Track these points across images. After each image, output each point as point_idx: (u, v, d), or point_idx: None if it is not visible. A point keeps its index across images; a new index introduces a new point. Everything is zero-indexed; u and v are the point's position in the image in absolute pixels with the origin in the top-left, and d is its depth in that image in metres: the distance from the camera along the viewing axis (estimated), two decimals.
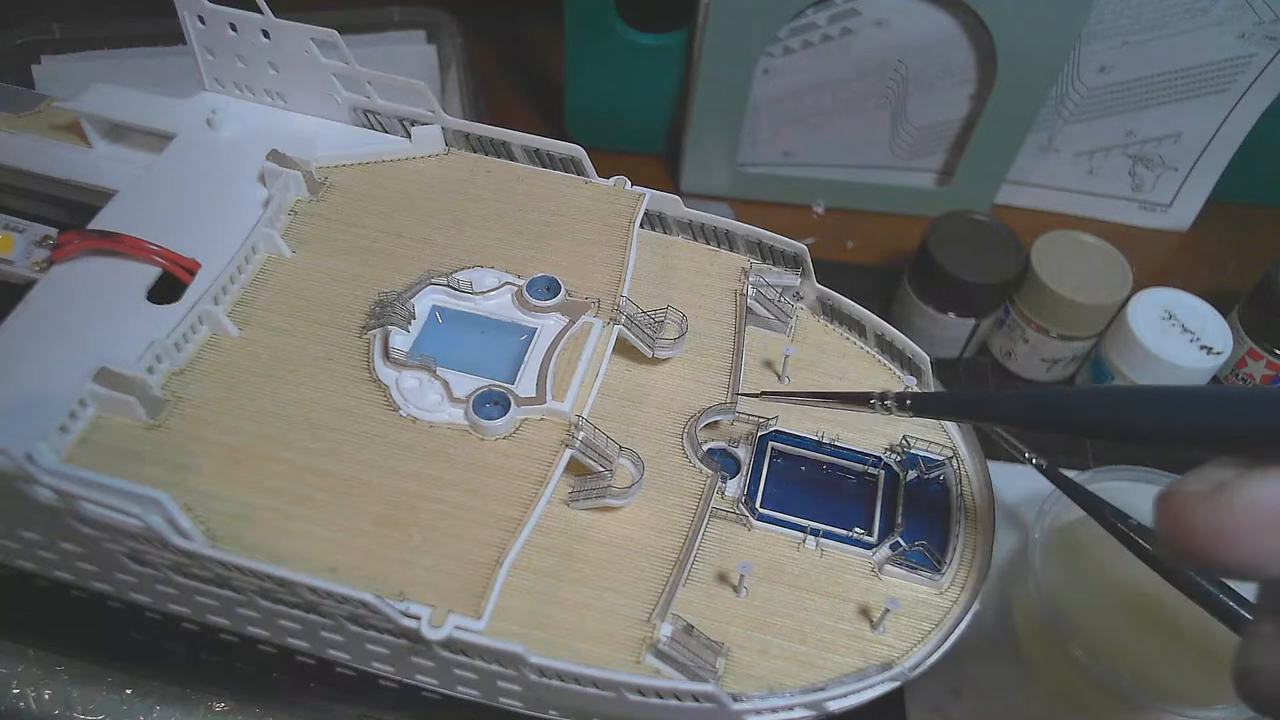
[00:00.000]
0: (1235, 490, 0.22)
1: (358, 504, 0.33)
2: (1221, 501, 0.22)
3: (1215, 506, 0.22)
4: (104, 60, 0.66)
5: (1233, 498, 0.22)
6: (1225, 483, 0.22)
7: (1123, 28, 0.60)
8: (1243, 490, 0.22)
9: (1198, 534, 0.22)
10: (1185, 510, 0.22)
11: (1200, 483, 0.22)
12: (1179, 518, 0.22)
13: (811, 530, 0.37)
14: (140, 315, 0.36)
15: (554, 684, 0.32)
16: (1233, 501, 0.22)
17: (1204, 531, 0.22)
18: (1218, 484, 0.22)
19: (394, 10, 0.68)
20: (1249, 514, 0.21)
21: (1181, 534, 0.22)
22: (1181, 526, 0.22)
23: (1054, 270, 0.56)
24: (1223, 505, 0.22)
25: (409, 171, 0.43)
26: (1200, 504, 0.22)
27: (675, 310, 0.40)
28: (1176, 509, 0.22)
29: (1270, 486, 0.22)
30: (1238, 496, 0.22)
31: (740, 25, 0.60)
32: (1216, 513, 0.22)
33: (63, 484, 0.30)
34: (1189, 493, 0.22)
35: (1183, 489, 0.23)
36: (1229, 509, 0.22)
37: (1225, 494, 0.22)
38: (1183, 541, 0.22)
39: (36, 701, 0.43)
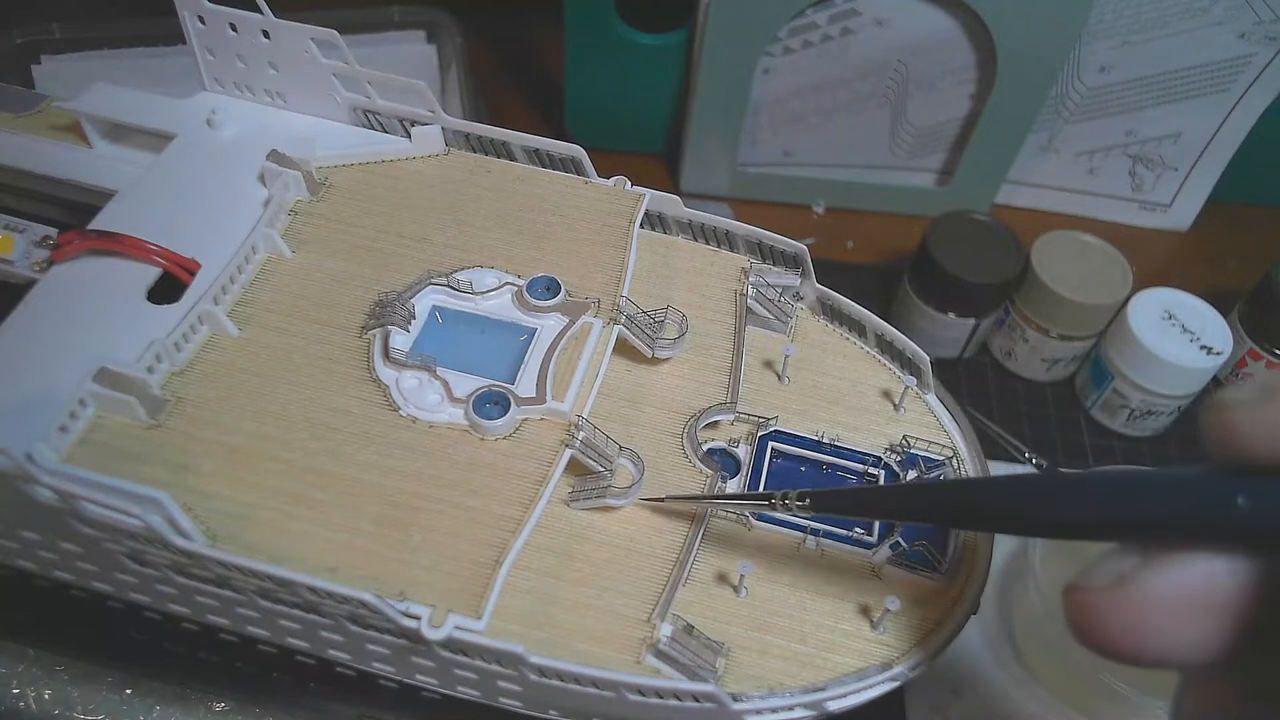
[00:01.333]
0: (1135, 583, 0.21)
1: (358, 504, 0.33)
2: (1122, 596, 0.21)
3: (1116, 601, 0.21)
4: (104, 60, 0.66)
5: (1133, 592, 0.21)
6: (1124, 575, 0.21)
7: (1123, 28, 0.60)
8: (1142, 582, 0.21)
9: (1103, 630, 0.22)
10: (1088, 606, 0.22)
11: (1101, 576, 0.22)
12: (1083, 614, 0.22)
13: (811, 530, 0.37)
14: (140, 315, 0.36)
15: (554, 684, 0.32)
16: (1132, 596, 0.21)
17: (1111, 627, 0.22)
18: (1118, 576, 0.22)
19: (394, 10, 0.68)
20: (1150, 607, 0.21)
21: (1087, 630, 0.22)
22: (1086, 623, 0.22)
23: (1054, 270, 0.56)
24: (1126, 599, 0.21)
25: (409, 171, 0.43)
26: (1102, 599, 0.22)
27: (675, 310, 0.40)
28: (1080, 604, 0.22)
29: (1169, 576, 0.21)
30: (1139, 589, 0.21)
31: (740, 25, 0.60)
32: (1121, 607, 0.21)
33: (63, 484, 0.30)
34: (1092, 588, 0.22)
35: (1084, 583, 0.22)
36: (1132, 602, 0.21)
37: (1125, 588, 0.21)
38: (1090, 637, 0.22)
39: (36, 701, 0.43)
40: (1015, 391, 0.62)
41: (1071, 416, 0.61)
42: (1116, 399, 0.57)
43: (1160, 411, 0.57)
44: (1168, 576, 0.21)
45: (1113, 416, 0.59)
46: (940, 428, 0.40)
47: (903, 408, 0.40)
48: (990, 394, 0.61)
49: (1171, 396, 0.56)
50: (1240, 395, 0.21)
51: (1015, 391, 0.62)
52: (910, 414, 0.40)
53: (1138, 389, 0.56)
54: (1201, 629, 0.21)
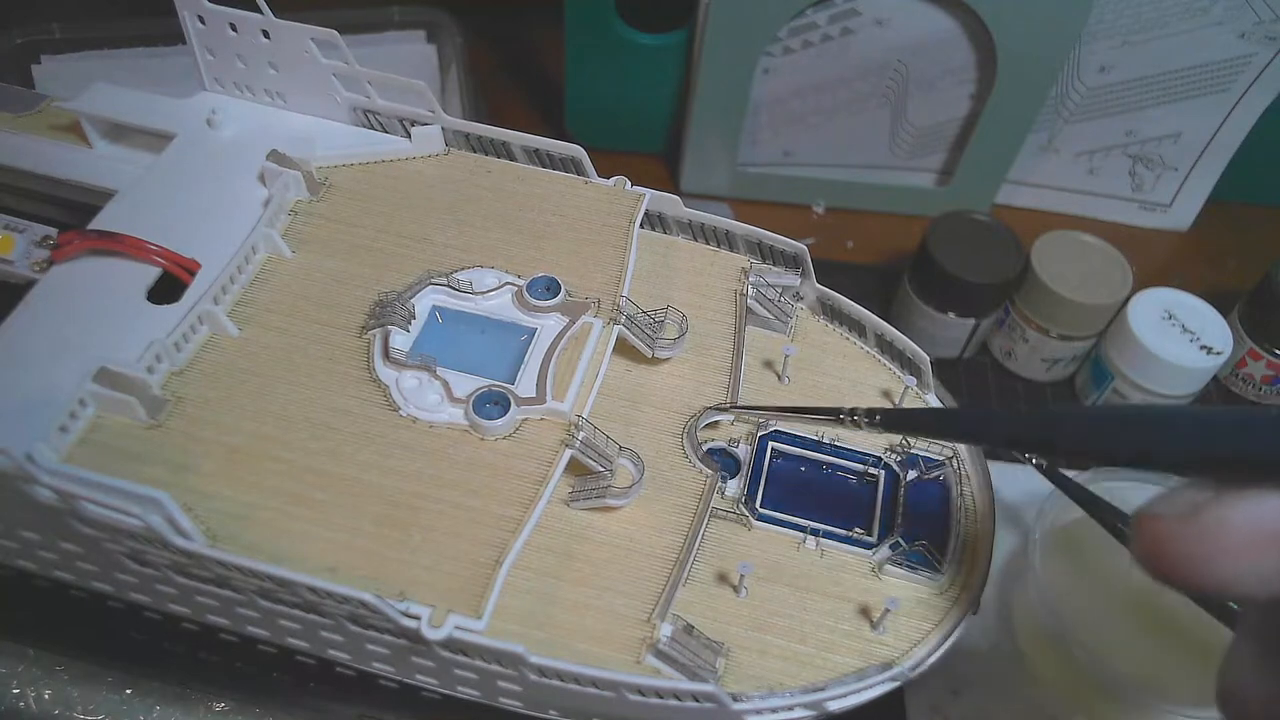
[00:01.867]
0: (1209, 513, 0.22)
1: (358, 504, 0.33)
2: (1196, 524, 0.22)
3: (1190, 530, 0.22)
4: (104, 60, 0.66)
5: (1207, 520, 0.22)
6: (1199, 505, 0.22)
7: (1123, 28, 0.60)
8: (1217, 513, 0.22)
9: (1173, 557, 0.22)
10: (1161, 533, 0.22)
11: (1175, 506, 0.23)
12: (1155, 541, 0.23)
13: (811, 530, 0.37)
14: (140, 315, 0.36)
15: (554, 684, 0.32)
16: (1207, 524, 0.22)
17: (1179, 554, 0.22)
18: (1192, 506, 0.22)
19: (394, 10, 0.68)
20: (1223, 536, 0.22)
21: (1157, 556, 0.23)
22: (1157, 549, 0.23)
23: (1054, 270, 0.56)
24: (1197, 528, 0.22)
25: (409, 171, 0.43)
26: (1175, 527, 0.22)
27: (675, 310, 0.40)
28: (1152, 532, 0.23)
29: (1243, 509, 0.22)
30: (1212, 519, 0.22)
31: (740, 25, 0.60)
32: (1191, 536, 0.22)
33: (63, 484, 0.30)
34: (1164, 515, 0.23)
35: (1158, 511, 0.23)
36: (1203, 532, 0.22)
37: (1200, 517, 0.22)
38: (1159, 564, 0.23)
39: (36, 701, 0.43)
40: (1015, 391, 0.62)
41: None
42: (1116, 399, 0.57)
43: None
44: (1242, 508, 0.22)
45: None
46: None
47: (903, 407, 0.40)
48: (990, 394, 0.61)
49: (1171, 396, 0.56)
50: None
51: (1015, 391, 0.62)
52: None
53: (1138, 389, 0.56)
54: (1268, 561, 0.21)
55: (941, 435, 0.36)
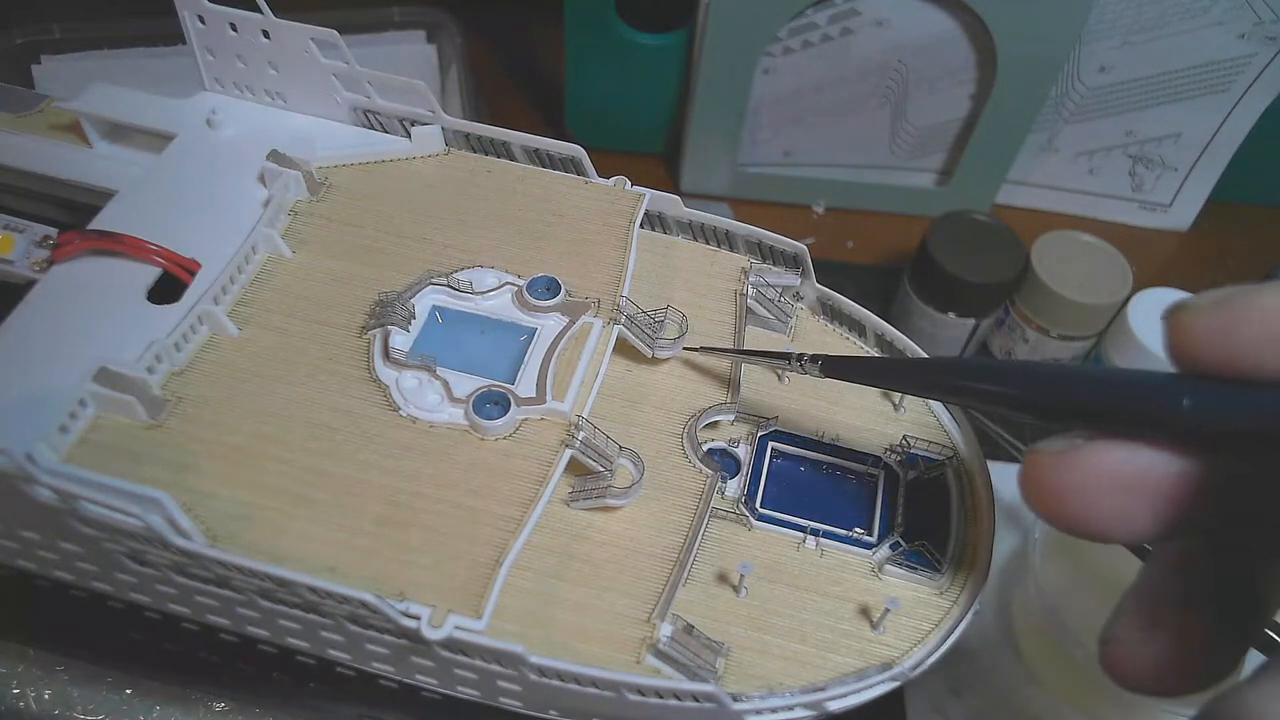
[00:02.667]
0: (1083, 451, 0.23)
1: (358, 504, 0.33)
2: (1065, 459, 0.23)
3: (1060, 462, 0.23)
4: (104, 60, 0.66)
5: (1079, 458, 0.23)
6: (1074, 445, 0.23)
7: (1123, 28, 0.60)
8: (1084, 453, 0.23)
9: (1043, 488, 0.24)
10: (1037, 464, 0.24)
11: (1055, 443, 0.24)
12: (1031, 470, 0.24)
13: (811, 530, 0.37)
14: (140, 315, 0.36)
15: (554, 684, 0.32)
16: (1074, 461, 0.23)
17: (1048, 486, 0.24)
18: (1070, 445, 0.24)
19: (394, 10, 0.68)
20: (1085, 475, 0.23)
21: (1032, 487, 0.24)
22: (1033, 480, 0.24)
23: (1054, 270, 0.56)
24: (1065, 463, 0.23)
25: (409, 171, 0.43)
26: (1049, 459, 0.24)
27: (675, 310, 0.40)
28: (1031, 464, 0.24)
29: (1107, 453, 0.23)
30: (1079, 458, 0.23)
31: (740, 25, 0.60)
32: (1060, 468, 0.23)
33: (63, 484, 0.30)
34: (1045, 450, 0.24)
35: (1042, 446, 0.24)
36: (1069, 467, 0.23)
37: (1074, 453, 0.23)
38: (1031, 495, 0.24)
39: (36, 701, 0.43)
40: None
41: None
42: None
43: None
44: (1111, 452, 0.23)
45: None
46: (940, 428, 0.40)
47: (903, 408, 0.40)
48: None
49: None
50: (1200, 301, 0.22)
51: None
52: (910, 414, 0.40)
53: None
54: (1129, 504, 0.23)
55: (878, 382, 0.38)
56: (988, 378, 0.28)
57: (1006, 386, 0.27)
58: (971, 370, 0.29)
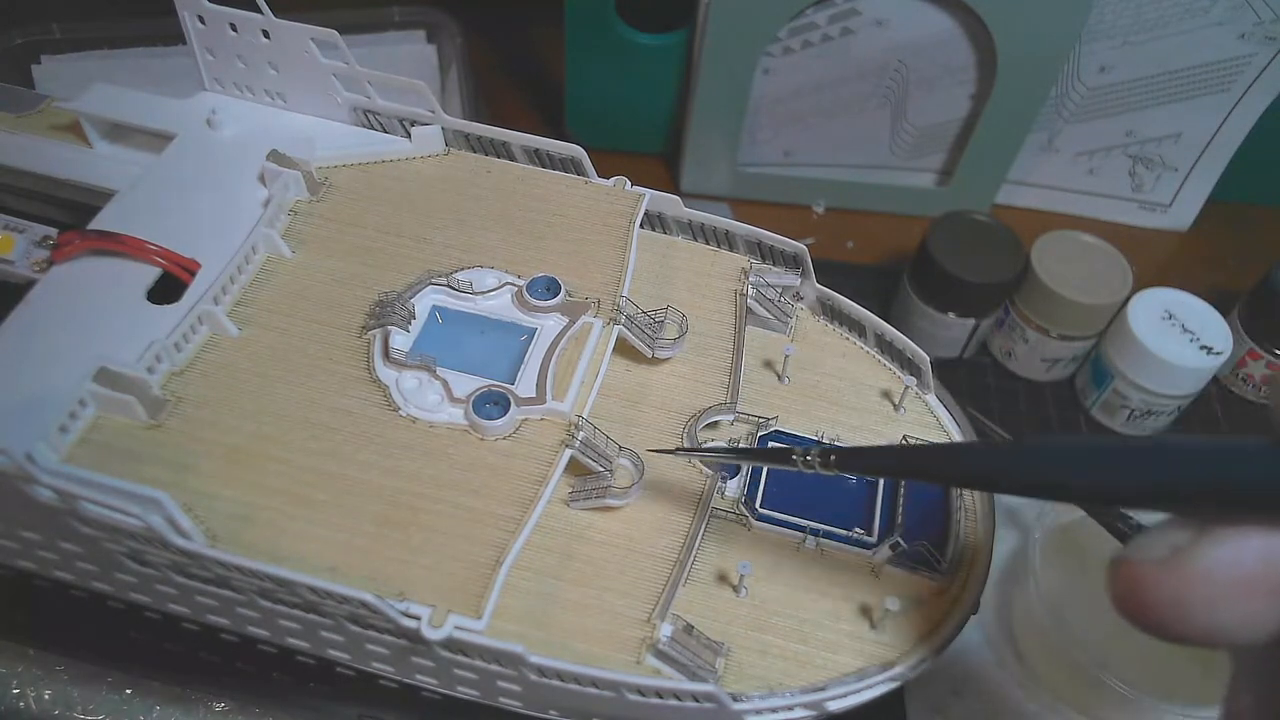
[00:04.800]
0: (1190, 558, 0.20)
1: (358, 504, 0.33)
2: (1177, 570, 0.20)
3: (1170, 576, 0.21)
4: (104, 60, 0.66)
5: (1188, 566, 0.20)
6: (1179, 548, 0.21)
7: (1123, 28, 0.60)
8: (1198, 557, 0.20)
9: (1155, 604, 0.21)
10: (1140, 580, 0.21)
11: (1153, 549, 0.21)
12: (1134, 588, 0.21)
13: (811, 530, 0.37)
14: (140, 315, 0.36)
15: (554, 684, 0.32)
16: (1188, 569, 0.20)
17: (1161, 602, 0.21)
18: (1171, 549, 0.21)
19: (394, 10, 0.68)
20: (1206, 582, 0.20)
21: (1138, 605, 0.21)
22: (1137, 597, 0.21)
23: (1054, 270, 0.56)
24: (1178, 574, 0.20)
25: (409, 171, 0.43)
26: (1155, 573, 0.21)
27: (675, 310, 0.40)
28: (1131, 578, 0.21)
29: (1226, 550, 0.20)
30: (1193, 564, 0.20)
31: (740, 25, 0.60)
32: (1172, 582, 0.21)
33: (63, 484, 0.30)
34: (1142, 561, 0.21)
35: (1136, 556, 0.21)
36: (1185, 578, 0.20)
37: (1180, 562, 0.20)
38: (1140, 612, 0.21)
39: (36, 701, 0.43)
40: (1015, 391, 0.62)
41: (1071, 416, 0.61)
42: (1116, 399, 0.57)
43: (1160, 412, 0.57)
44: (1226, 549, 0.20)
45: (1113, 417, 0.59)
46: (940, 428, 0.40)
47: (903, 408, 0.40)
48: (990, 394, 0.61)
49: (1171, 396, 0.56)
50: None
51: (1015, 391, 0.62)
52: (910, 414, 0.40)
53: (1138, 389, 0.56)
54: (1259, 605, 0.20)
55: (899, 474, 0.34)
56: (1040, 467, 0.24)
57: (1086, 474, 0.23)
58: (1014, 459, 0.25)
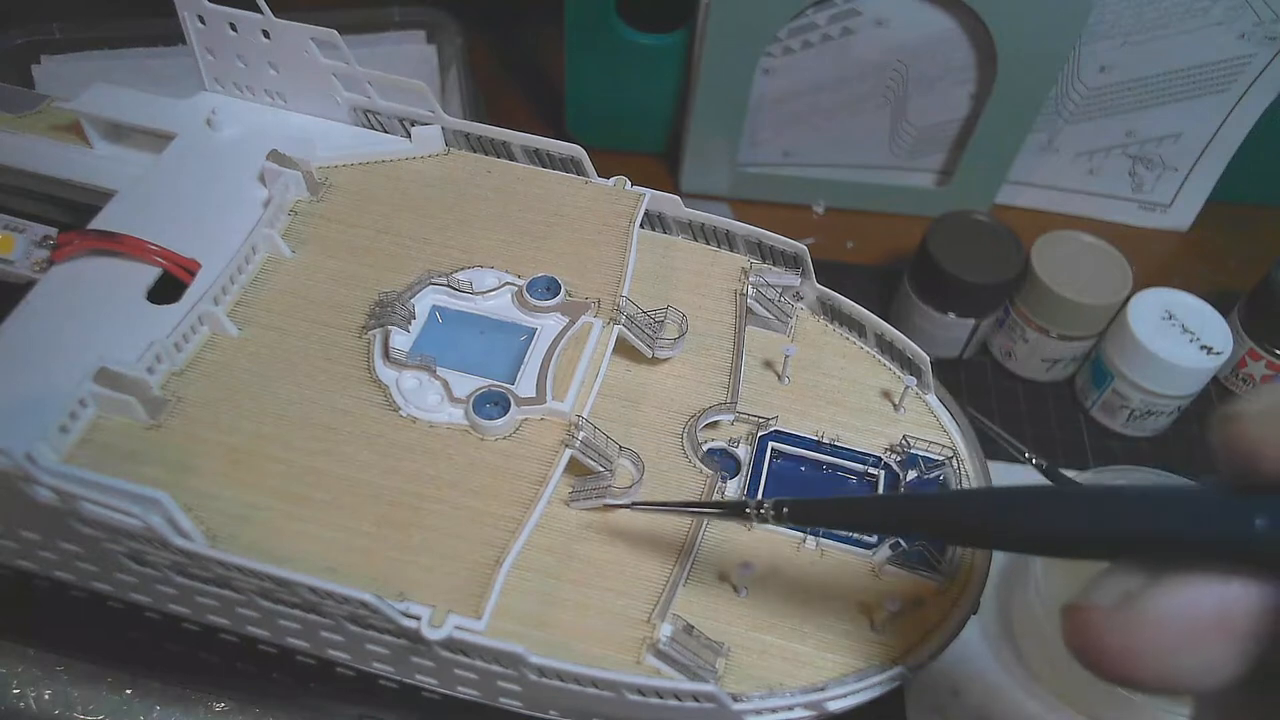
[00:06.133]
0: (1143, 604, 0.20)
1: (358, 504, 0.33)
2: (1129, 617, 0.20)
3: (1123, 622, 0.20)
4: (104, 60, 0.66)
5: (1141, 613, 0.20)
6: (1132, 594, 0.20)
7: (1123, 28, 0.60)
8: (1150, 606, 0.20)
9: (1108, 651, 0.20)
10: (1091, 626, 0.21)
11: (1106, 594, 0.21)
12: (1086, 634, 0.21)
13: (811, 530, 0.37)
14: (140, 315, 0.36)
15: (554, 684, 0.32)
16: (1141, 617, 0.20)
17: (1114, 649, 0.20)
18: (1124, 595, 0.20)
19: (394, 10, 0.68)
20: (1158, 630, 0.20)
21: (1091, 651, 0.21)
22: (1090, 644, 0.21)
23: (1054, 270, 0.56)
24: (1130, 621, 0.20)
25: (409, 171, 0.43)
26: (1107, 619, 0.20)
27: (675, 310, 0.40)
28: (1083, 625, 0.21)
29: (1177, 599, 0.20)
30: (1146, 611, 0.20)
31: (740, 25, 0.60)
32: (1125, 629, 0.20)
33: (63, 484, 0.30)
34: (1096, 608, 0.21)
35: (1089, 603, 0.21)
36: (1137, 625, 0.20)
37: (1133, 609, 0.20)
38: (1093, 659, 0.21)
39: (36, 701, 0.43)
40: (1015, 391, 0.62)
41: (1071, 416, 0.61)
42: (1116, 399, 0.57)
43: (1160, 412, 0.57)
44: (1178, 597, 0.20)
45: (1113, 416, 0.59)
46: (940, 428, 0.40)
47: (903, 408, 0.40)
48: (990, 394, 0.61)
49: (1171, 397, 0.56)
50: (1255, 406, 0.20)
51: (1015, 391, 0.62)
52: (910, 414, 0.40)
53: (1138, 389, 0.56)
54: (1213, 653, 0.20)
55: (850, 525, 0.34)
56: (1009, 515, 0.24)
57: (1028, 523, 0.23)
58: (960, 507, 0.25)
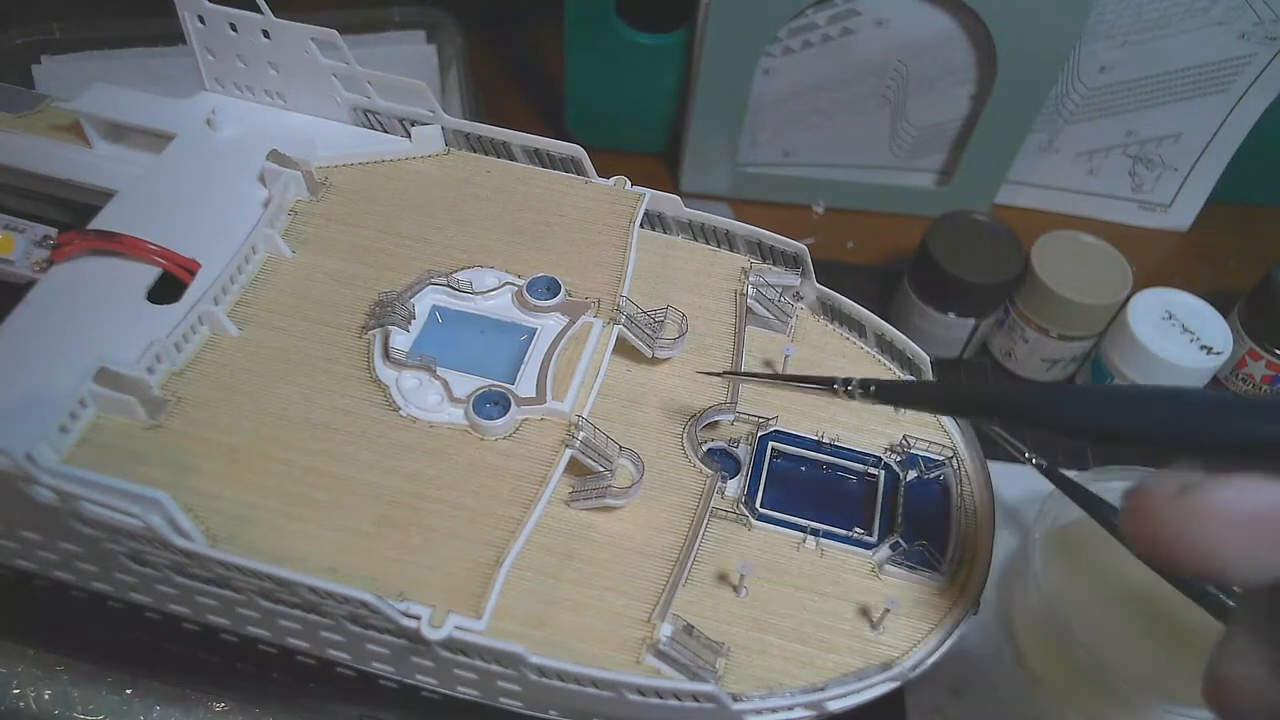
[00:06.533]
0: (1202, 493, 0.22)
1: (358, 504, 0.33)
2: (1187, 503, 0.22)
3: (1180, 508, 0.22)
4: (104, 60, 0.66)
5: (1199, 500, 0.22)
6: (1190, 485, 0.22)
7: (1123, 28, 0.60)
8: (1209, 493, 0.22)
9: (1162, 534, 0.22)
10: (1151, 509, 0.22)
11: (1168, 483, 0.22)
12: (1145, 517, 0.23)
13: (811, 530, 0.37)
14: (140, 315, 0.36)
15: (554, 684, 0.32)
16: (1198, 503, 0.22)
17: (1168, 532, 0.22)
18: (1182, 486, 0.22)
19: (394, 10, 0.68)
20: (1213, 517, 0.22)
21: (1146, 532, 0.23)
22: (1146, 525, 0.22)
23: (1054, 270, 0.56)
24: (1188, 507, 0.22)
25: (409, 171, 0.43)
26: (1166, 504, 0.22)
27: (675, 310, 0.40)
28: (1142, 507, 0.23)
29: (1236, 491, 0.22)
30: (1204, 499, 0.22)
31: (740, 25, 0.60)
32: (1181, 514, 0.22)
33: (63, 484, 0.30)
34: (1156, 493, 0.22)
35: (1150, 488, 0.23)
36: (1194, 511, 0.22)
37: (1191, 496, 0.22)
38: (1147, 540, 0.23)
39: (36, 701, 0.43)
40: None
41: None
42: None
43: None
44: (1231, 489, 0.21)
45: None
46: (940, 428, 0.40)
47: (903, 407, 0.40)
48: None
49: None
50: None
51: None
52: (910, 414, 0.40)
53: None
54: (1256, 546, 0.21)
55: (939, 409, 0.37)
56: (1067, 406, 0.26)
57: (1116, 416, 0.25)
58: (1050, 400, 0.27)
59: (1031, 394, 0.28)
